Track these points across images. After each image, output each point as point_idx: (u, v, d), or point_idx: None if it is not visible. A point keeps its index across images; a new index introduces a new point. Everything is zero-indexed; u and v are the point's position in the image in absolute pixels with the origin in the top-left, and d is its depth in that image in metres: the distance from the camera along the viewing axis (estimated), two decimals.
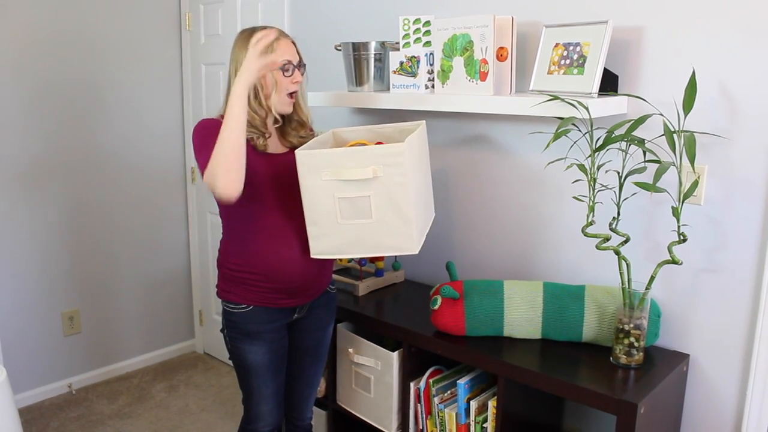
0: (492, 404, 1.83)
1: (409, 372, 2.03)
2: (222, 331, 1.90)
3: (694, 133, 1.55)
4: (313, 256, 1.74)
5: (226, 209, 1.81)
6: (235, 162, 1.57)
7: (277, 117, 1.81)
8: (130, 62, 3.17)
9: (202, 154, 1.67)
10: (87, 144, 3.07)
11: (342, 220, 1.67)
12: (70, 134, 3.00)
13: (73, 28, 2.95)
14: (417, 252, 1.70)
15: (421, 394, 2.01)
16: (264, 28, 1.78)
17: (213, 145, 1.60)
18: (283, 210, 1.78)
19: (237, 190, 1.59)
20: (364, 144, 1.89)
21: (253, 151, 1.75)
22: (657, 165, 1.55)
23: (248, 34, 1.73)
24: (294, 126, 1.87)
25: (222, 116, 1.80)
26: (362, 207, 1.65)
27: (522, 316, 1.85)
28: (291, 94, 1.77)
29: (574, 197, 1.77)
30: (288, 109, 1.79)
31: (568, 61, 1.78)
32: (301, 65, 1.78)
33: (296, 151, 1.65)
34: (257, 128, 1.76)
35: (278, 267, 1.77)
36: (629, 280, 1.69)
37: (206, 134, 1.69)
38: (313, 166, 1.64)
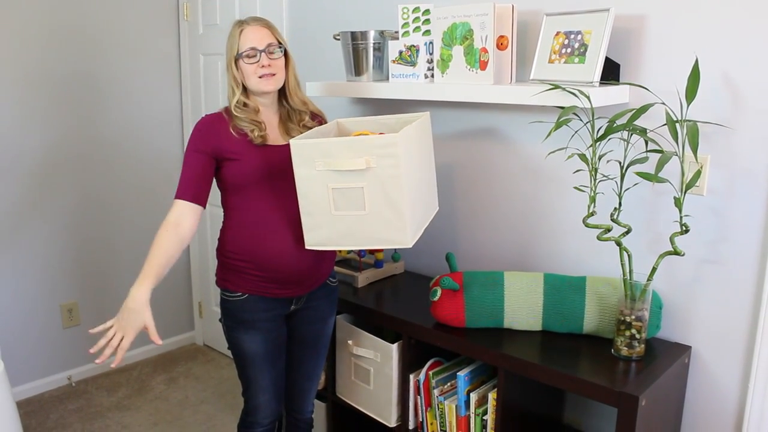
0: (492, 396, 1.82)
1: (408, 364, 2.02)
2: (221, 320, 1.89)
3: (697, 123, 1.53)
4: (307, 247, 1.73)
5: (224, 199, 1.82)
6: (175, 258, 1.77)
7: (272, 112, 1.82)
8: (128, 53, 3.15)
9: (182, 171, 1.77)
10: (85, 136, 3.05)
11: (336, 212, 1.66)
12: (68, 126, 2.99)
13: (71, 20, 2.93)
14: (411, 246, 1.68)
15: (421, 386, 2.00)
16: (255, 18, 1.78)
17: (189, 167, 1.74)
18: (278, 201, 1.77)
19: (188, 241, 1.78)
20: (366, 134, 1.88)
21: (249, 144, 1.75)
22: (659, 155, 1.53)
23: (236, 25, 1.77)
24: (297, 113, 1.85)
25: (227, 109, 1.80)
26: (355, 198, 1.63)
27: (522, 308, 1.83)
28: (265, 75, 1.75)
29: (575, 187, 1.76)
30: (267, 87, 1.76)
31: (569, 50, 1.76)
32: (274, 47, 1.76)
33: (291, 141, 1.65)
34: (252, 120, 1.76)
35: (270, 257, 1.77)
36: (631, 271, 1.68)
37: (191, 149, 1.76)
38: (307, 156, 1.62)
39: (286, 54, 1.81)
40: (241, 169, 1.74)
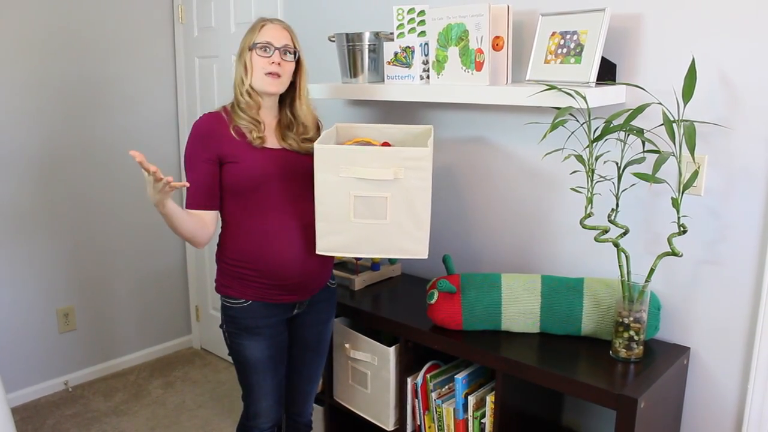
0: (490, 399, 1.81)
1: (406, 367, 2.01)
2: (221, 326, 1.88)
3: (694, 123, 1.52)
4: (318, 252, 1.73)
5: (223, 202, 1.79)
6: (188, 236, 1.71)
7: (272, 115, 1.81)
8: (123, 56, 3.14)
9: (188, 178, 1.75)
10: (81, 139, 3.04)
11: (355, 219, 1.67)
12: (63, 129, 2.97)
13: (67, 23, 2.91)
14: (426, 257, 1.70)
15: (419, 389, 1.99)
16: (279, 20, 1.79)
17: (192, 175, 1.71)
18: (281, 206, 1.76)
19: (204, 245, 1.76)
20: (369, 142, 1.88)
21: (248, 147, 1.74)
22: (656, 155, 1.52)
23: (259, 20, 1.78)
24: (300, 125, 1.84)
25: (226, 108, 1.79)
26: (378, 207, 1.65)
27: (520, 310, 1.82)
28: (272, 74, 1.74)
29: (572, 189, 1.74)
30: (270, 88, 1.75)
31: (565, 50, 1.75)
32: (288, 50, 1.75)
33: (315, 145, 1.65)
34: (251, 117, 1.75)
35: (276, 264, 1.76)
36: (628, 272, 1.66)
37: (190, 156, 1.74)
38: (332, 162, 1.63)
39: (299, 62, 1.80)
40: (240, 171, 1.72)
